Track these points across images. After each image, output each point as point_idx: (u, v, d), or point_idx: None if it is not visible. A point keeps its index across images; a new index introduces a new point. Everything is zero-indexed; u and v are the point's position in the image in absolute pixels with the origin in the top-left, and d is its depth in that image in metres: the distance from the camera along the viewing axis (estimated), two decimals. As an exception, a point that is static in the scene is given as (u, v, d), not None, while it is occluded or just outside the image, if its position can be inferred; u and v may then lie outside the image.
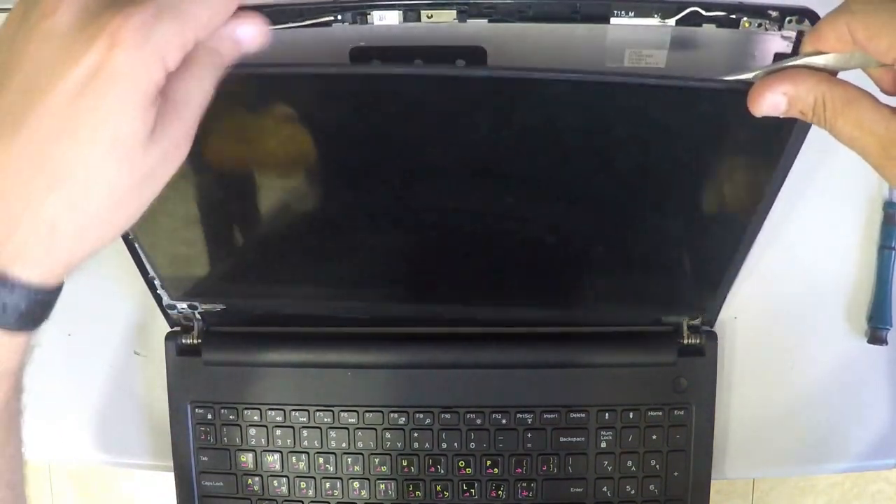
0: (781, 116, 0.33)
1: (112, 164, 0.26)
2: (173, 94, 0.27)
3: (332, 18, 0.40)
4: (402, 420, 0.54)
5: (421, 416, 0.54)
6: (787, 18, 0.39)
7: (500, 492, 0.54)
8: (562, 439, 0.53)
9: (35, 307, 0.29)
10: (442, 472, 0.54)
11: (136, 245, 0.50)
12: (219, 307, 0.54)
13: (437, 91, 0.39)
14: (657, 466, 0.53)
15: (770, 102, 0.33)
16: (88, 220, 0.27)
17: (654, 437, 0.53)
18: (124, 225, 0.29)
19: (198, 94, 0.28)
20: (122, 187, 0.27)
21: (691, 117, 0.39)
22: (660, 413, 0.53)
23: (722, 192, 0.45)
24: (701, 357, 0.53)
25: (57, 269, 0.28)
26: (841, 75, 0.33)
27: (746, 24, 0.39)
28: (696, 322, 0.53)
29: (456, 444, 0.54)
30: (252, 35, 0.29)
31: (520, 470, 0.53)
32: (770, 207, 0.45)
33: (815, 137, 0.54)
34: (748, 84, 0.33)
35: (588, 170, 0.44)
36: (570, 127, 0.41)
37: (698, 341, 0.53)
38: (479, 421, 0.53)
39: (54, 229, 0.27)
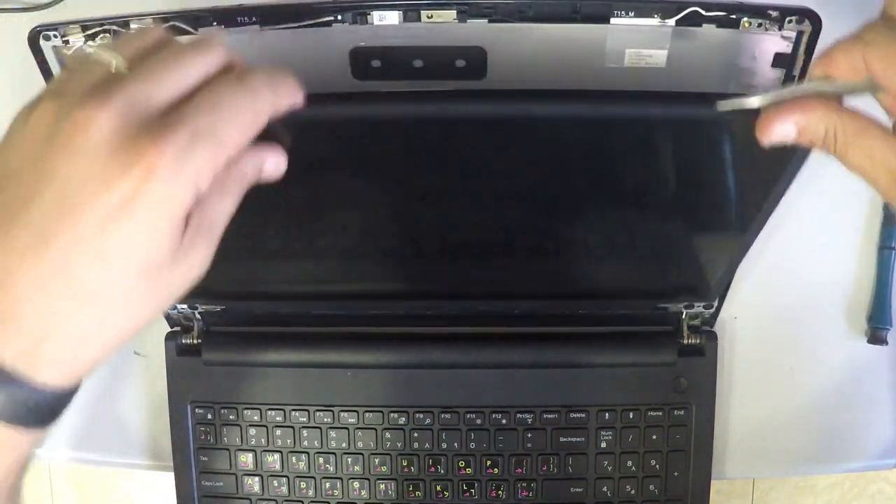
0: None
1: (140, 283, 0.27)
2: (200, 213, 0.28)
3: (332, 18, 0.40)
4: (402, 420, 0.54)
5: (421, 416, 0.54)
6: (788, 18, 0.39)
7: (500, 492, 0.54)
8: (562, 439, 0.53)
9: (56, 404, 0.29)
10: (442, 472, 0.54)
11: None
12: (218, 307, 0.54)
13: (437, 109, 0.39)
14: (657, 466, 0.53)
15: (779, 133, 0.32)
16: (114, 331, 0.28)
17: (654, 437, 0.53)
18: (143, 325, 0.29)
19: (222, 213, 0.29)
20: (146, 300, 0.28)
21: (691, 136, 0.39)
22: (660, 413, 0.53)
23: (723, 192, 0.45)
24: (701, 357, 0.53)
25: (80, 372, 0.28)
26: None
27: (746, 25, 0.39)
28: (696, 322, 0.53)
29: (456, 444, 0.54)
30: (275, 163, 0.31)
31: (520, 470, 0.53)
32: (773, 205, 0.45)
33: (815, 137, 0.54)
34: (752, 112, 0.32)
35: (590, 174, 0.44)
36: (567, 143, 0.41)
37: (698, 341, 0.53)
38: (479, 421, 0.53)
39: (82, 341, 0.27)
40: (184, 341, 0.55)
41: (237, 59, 0.30)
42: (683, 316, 0.53)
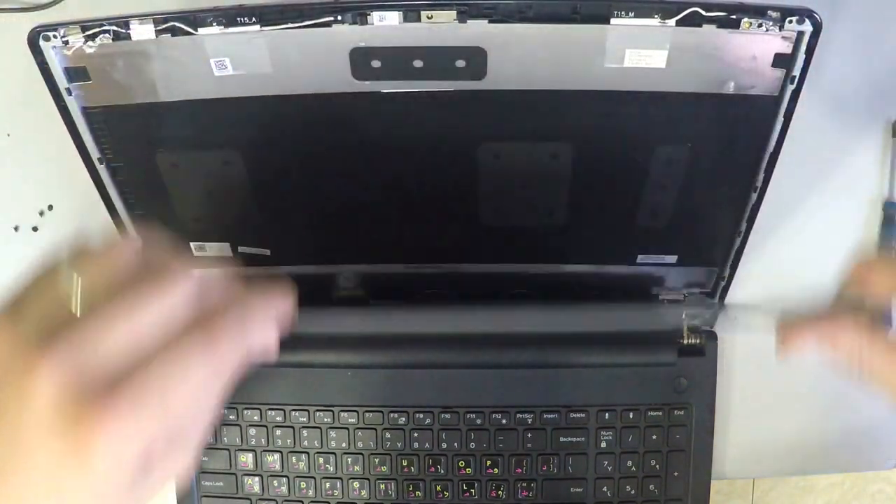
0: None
1: None
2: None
3: (332, 19, 0.40)
4: (402, 420, 0.54)
5: (421, 416, 0.54)
6: (788, 19, 0.39)
7: (500, 492, 0.54)
8: (562, 439, 0.53)
9: None
10: (442, 471, 0.54)
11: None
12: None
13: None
14: (657, 466, 0.53)
15: (802, 349, 0.34)
16: None
17: (654, 437, 0.53)
18: None
19: (178, 467, 0.27)
20: None
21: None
22: (660, 413, 0.53)
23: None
24: (701, 357, 0.53)
25: None
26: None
27: (747, 25, 0.39)
28: (696, 322, 0.53)
29: (456, 444, 0.54)
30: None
31: (520, 470, 0.53)
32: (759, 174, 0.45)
33: (815, 138, 0.54)
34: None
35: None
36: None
37: (698, 341, 0.53)
38: (479, 421, 0.53)
39: None
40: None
41: (212, 287, 0.28)
42: (683, 316, 0.53)
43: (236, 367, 0.27)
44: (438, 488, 0.54)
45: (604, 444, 0.53)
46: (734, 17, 0.39)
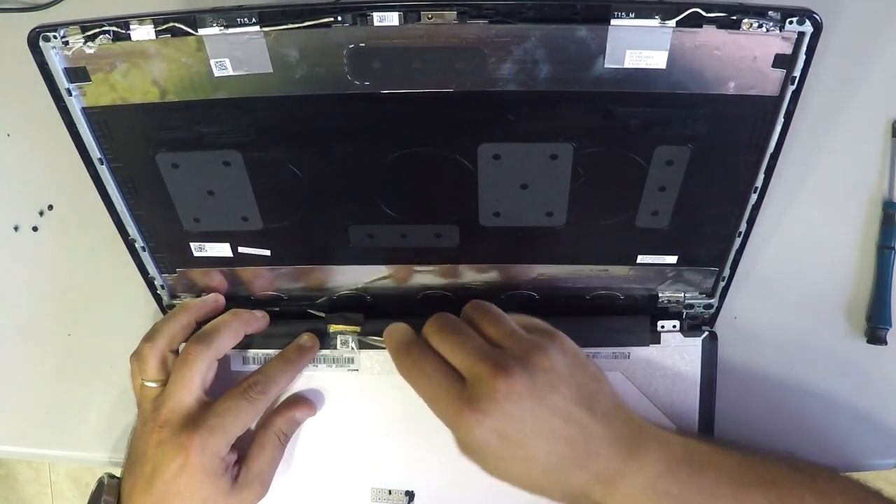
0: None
1: None
2: (246, 467, 0.49)
3: (331, 19, 0.40)
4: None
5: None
6: (788, 19, 0.39)
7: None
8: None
9: None
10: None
11: (136, 244, 0.50)
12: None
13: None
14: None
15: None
16: None
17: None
18: None
19: (267, 462, 0.50)
20: None
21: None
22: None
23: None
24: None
25: None
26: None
27: (747, 26, 0.39)
28: (697, 323, 0.53)
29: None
30: (305, 415, 0.52)
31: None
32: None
33: (814, 138, 0.54)
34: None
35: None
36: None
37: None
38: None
39: None
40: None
41: (219, 348, 0.50)
42: (683, 316, 0.53)
43: (261, 410, 0.50)
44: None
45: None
46: (734, 17, 0.39)
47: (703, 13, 0.39)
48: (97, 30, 0.41)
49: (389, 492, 0.52)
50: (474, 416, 0.41)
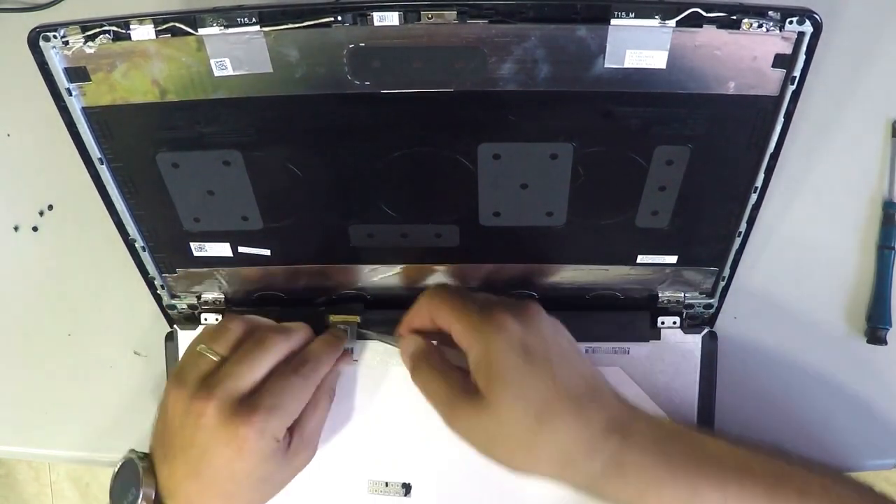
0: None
1: (258, 484, 0.45)
2: (300, 431, 0.47)
3: (332, 19, 0.40)
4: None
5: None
6: (788, 19, 0.39)
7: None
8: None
9: None
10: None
11: (136, 244, 0.50)
12: (219, 307, 0.54)
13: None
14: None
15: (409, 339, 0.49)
16: None
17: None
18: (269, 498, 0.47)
19: (318, 422, 0.49)
20: (265, 491, 0.46)
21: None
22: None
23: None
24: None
25: None
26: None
27: (747, 26, 0.39)
28: (697, 322, 0.53)
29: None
30: (346, 363, 0.52)
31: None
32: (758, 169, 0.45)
33: (814, 138, 0.54)
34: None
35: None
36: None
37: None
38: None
39: None
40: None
41: (296, 344, 0.48)
42: (683, 315, 0.53)
43: (318, 381, 0.47)
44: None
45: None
46: (734, 17, 0.39)
47: (703, 13, 0.39)
48: (97, 30, 0.41)
49: (386, 484, 0.52)
50: (502, 316, 0.42)
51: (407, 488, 0.52)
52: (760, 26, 0.39)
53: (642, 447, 0.40)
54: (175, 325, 0.55)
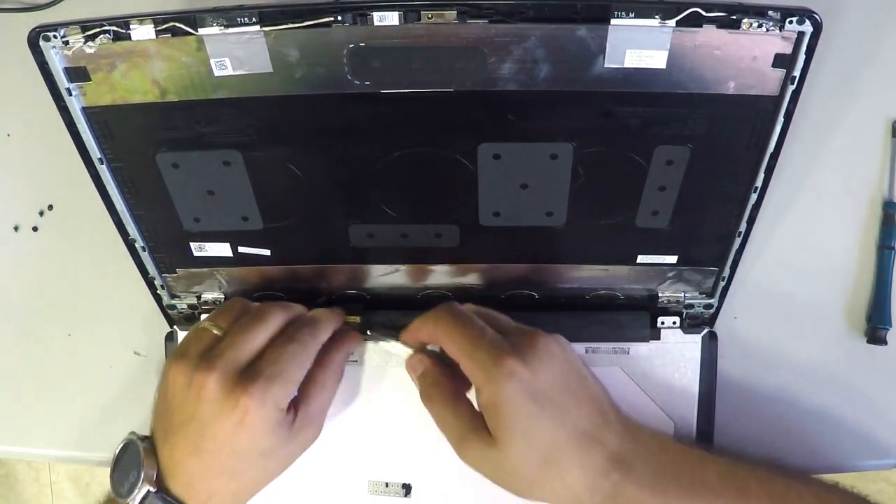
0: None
1: (261, 460, 0.45)
2: (305, 406, 0.46)
3: (331, 19, 0.40)
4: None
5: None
6: (788, 19, 0.39)
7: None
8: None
9: None
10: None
11: (136, 244, 0.50)
12: (220, 297, 0.54)
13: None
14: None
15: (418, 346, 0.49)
16: (251, 487, 0.46)
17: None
18: (272, 480, 0.47)
19: (324, 400, 0.48)
20: (270, 468, 0.46)
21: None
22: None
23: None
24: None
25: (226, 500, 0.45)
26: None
27: (747, 25, 0.39)
28: (697, 322, 0.53)
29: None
30: (356, 346, 0.51)
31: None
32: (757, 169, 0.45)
33: (814, 138, 0.54)
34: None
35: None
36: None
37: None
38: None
39: (233, 496, 0.45)
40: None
41: (294, 315, 0.48)
42: (683, 315, 0.53)
43: (311, 353, 0.46)
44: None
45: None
46: (734, 17, 0.39)
47: (703, 13, 0.39)
48: (97, 30, 0.41)
49: (386, 484, 0.52)
50: (511, 362, 0.42)
51: (407, 489, 0.52)
52: (760, 26, 0.39)
53: (640, 484, 0.43)
54: (175, 325, 0.55)
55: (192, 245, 0.51)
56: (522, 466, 0.42)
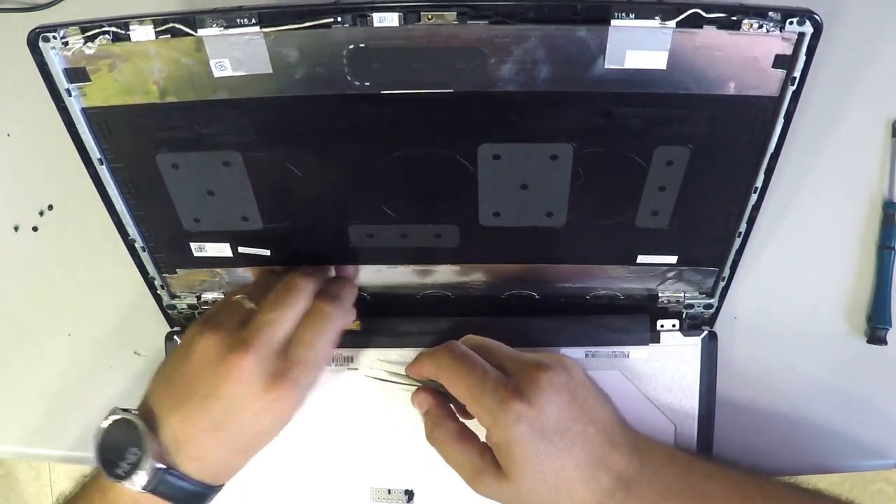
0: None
1: (273, 434, 0.45)
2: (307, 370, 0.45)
3: (331, 20, 0.40)
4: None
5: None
6: (788, 20, 0.39)
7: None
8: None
9: (208, 492, 0.45)
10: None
11: (136, 244, 0.50)
12: (220, 297, 0.54)
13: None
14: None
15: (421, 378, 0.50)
16: (255, 454, 0.46)
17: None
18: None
19: (317, 377, 0.46)
20: (273, 435, 0.46)
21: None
22: (659, 413, 0.53)
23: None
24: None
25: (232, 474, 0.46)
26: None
27: (747, 26, 0.39)
28: (697, 322, 0.53)
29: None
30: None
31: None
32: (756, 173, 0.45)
33: (814, 138, 0.54)
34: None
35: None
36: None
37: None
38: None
39: (240, 467, 0.46)
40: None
41: (319, 285, 0.48)
42: (683, 316, 0.53)
43: (339, 331, 0.47)
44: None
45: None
46: (735, 18, 0.39)
47: (704, 14, 0.39)
48: (97, 30, 0.41)
49: (389, 491, 0.52)
50: (517, 406, 0.43)
51: (409, 495, 0.52)
52: (761, 27, 0.39)
53: (644, 502, 0.44)
54: (175, 326, 0.55)
55: (192, 245, 0.51)
56: (535, 496, 0.44)
